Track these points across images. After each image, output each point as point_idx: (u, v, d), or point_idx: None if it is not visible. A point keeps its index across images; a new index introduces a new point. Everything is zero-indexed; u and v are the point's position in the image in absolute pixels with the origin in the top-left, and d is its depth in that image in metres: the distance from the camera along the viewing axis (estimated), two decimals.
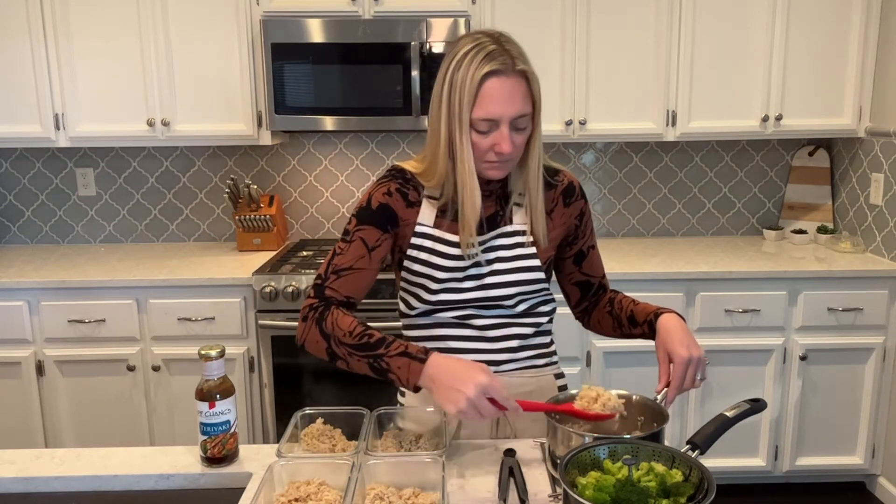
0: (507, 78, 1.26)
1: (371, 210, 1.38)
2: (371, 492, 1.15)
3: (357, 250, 1.37)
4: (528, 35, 2.83)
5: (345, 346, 1.29)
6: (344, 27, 2.76)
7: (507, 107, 1.26)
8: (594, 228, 1.52)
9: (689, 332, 1.35)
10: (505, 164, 1.32)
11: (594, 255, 1.52)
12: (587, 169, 3.33)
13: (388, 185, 1.40)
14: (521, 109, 1.27)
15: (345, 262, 1.37)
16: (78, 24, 2.81)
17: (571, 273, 1.52)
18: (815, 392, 2.82)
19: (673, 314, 1.38)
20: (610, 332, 1.52)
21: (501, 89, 1.26)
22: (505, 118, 1.27)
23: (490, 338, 1.42)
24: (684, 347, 1.30)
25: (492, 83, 1.25)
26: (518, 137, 1.30)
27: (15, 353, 2.71)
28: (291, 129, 2.91)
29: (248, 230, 3.12)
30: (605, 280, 1.55)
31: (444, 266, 1.37)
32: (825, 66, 2.91)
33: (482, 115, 1.27)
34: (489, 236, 1.39)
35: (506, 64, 1.25)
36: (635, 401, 1.34)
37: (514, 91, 1.26)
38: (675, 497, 1.01)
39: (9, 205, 3.33)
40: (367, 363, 1.27)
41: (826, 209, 3.24)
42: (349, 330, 1.29)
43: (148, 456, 1.35)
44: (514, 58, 1.27)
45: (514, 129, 1.29)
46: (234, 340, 2.72)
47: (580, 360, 2.78)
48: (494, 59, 1.25)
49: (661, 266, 2.79)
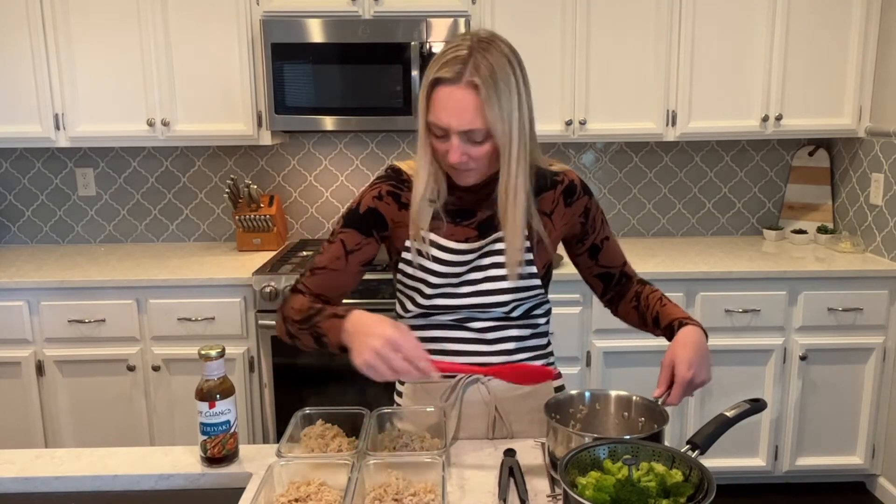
0: (455, 88, 1.21)
1: (358, 214, 1.39)
2: (371, 492, 1.15)
3: (335, 251, 1.38)
4: (528, 35, 2.84)
5: (295, 324, 1.33)
6: (344, 27, 2.76)
7: (454, 118, 1.22)
8: (606, 220, 1.48)
9: (705, 354, 1.30)
10: (468, 172, 1.29)
11: (609, 247, 1.48)
12: (587, 169, 3.33)
13: (381, 186, 1.39)
14: (468, 123, 1.22)
15: (322, 261, 1.38)
16: (78, 24, 2.81)
17: (590, 267, 1.50)
18: (815, 392, 2.82)
19: (695, 328, 1.33)
20: (637, 325, 1.50)
21: (448, 99, 1.22)
22: (453, 128, 1.23)
23: (487, 340, 1.41)
24: (690, 368, 1.26)
25: (440, 91, 1.23)
26: (475, 150, 1.25)
27: (15, 353, 2.71)
28: (291, 129, 2.91)
29: (248, 230, 3.12)
30: (626, 268, 1.51)
31: (440, 272, 1.36)
32: (825, 65, 2.91)
33: (433, 120, 1.25)
34: (486, 241, 1.37)
35: (456, 73, 1.21)
36: (636, 402, 1.34)
37: (461, 103, 1.21)
38: (675, 497, 1.01)
39: (9, 205, 3.33)
40: (310, 334, 1.30)
41: (826, 209, 3.24)
42: (299, 308, 1.33)
43: (148, 456, 1.35)
44: (473, 68, 1.20)
45: (468, 141, 1.24)
46: (234, 340, 2.72)
47: (580, 360, 2.78)
48: (447, 66, 1.22)
49: (661, 266, 2.79)
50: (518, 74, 1.25)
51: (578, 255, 1.49)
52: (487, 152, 1.26)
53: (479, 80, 1.20)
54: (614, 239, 1.50)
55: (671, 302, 1.44)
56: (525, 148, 1.27)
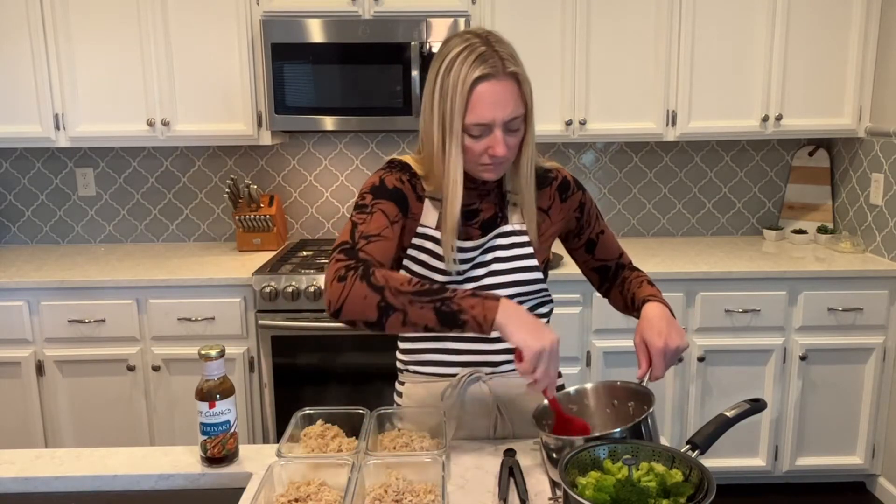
0: (499, 81, 1.24)
1: (386, 188, 1.34)
2: (371, 492, 1.15)
3: (380, 221, 1.29)
4: (528, 35, 2.84)
5: (404, 295, 1.17)
6: (344, 27, 2.76)
7: (500, 110, 1.24)
8: (600, 214, 1.50)
9: (671, 320, 1.33)
10: (500, 165, 1.31)
11: (605, 240, 1.50)
12: (587, 169, 3.33)
13: (399, 174, 1.36)
14: (513, 112, 1.26)
15: (371, 229, 1.27)
16: (78, 24, 2.81)
17: (587, 260, 1.52)
18: (815, 392, 2.82)
19: (656, 303, 1.36)
20: (622, 310, 1.52)
21: (493, 93, 1.23)
22: (498, 122, 1.25)
23: (489, 338, 1.41)
24: (661, 338, 1.29)
25: (483, 87, 1.23)
26: (511, 139, 1.28)
27: (15, 353, 2.71)
28: (291, 129, 2.91)
29: (248, 230, 3.12)
30: (622, 259, 1.53)
31: (443, 269, 1.36)
32: (825, 65, 2.91)
33: (475, 120, 1.25)
34: (487, 238, 1.39)
35: (496, 67, 1.23)
36: (619, 386, 1.34)
37: (505, 94, 1.24)
38: (675, 497, 1.01)
39: (9, 205, 3.33)
40: (433, 307, 1.16)
41: (826, 209, 3.24)
42: (406, 279, 1.20)
43: (148, 456, 1.35)
44: (504, 59, 1.24)
45: (507, 131, 1.27)
46: (234, 340, 2.72)
47: (580, 360, 2.78)
48: (485, 63, 1.23)
49: (661, 266, 2.79)
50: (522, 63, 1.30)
51: (575, 250, 1.52)
52: (519, 140, 1.31)
53: (516, 67, 1.26)
54: (609, 232, 1.52)
55: (648, 283, 1.45)
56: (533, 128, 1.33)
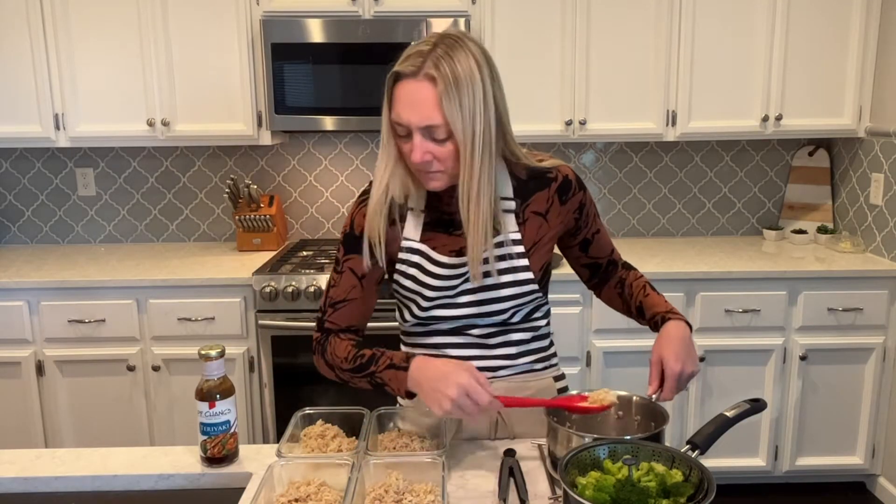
0: (412, 81, 1.17)
1: (355, 237, 1.37)
2: (371, 492, 1.15)
3: (348, 281, 1.38)
4: (528, 35, 2.84)
5: (346, 372, 1.35)
6: (344, 27, 2.76)
7: (414, 114, 1.18)
8: (598, 212, 1.47)
9: (690, 345, 1.31)
10: (435, 174, 1.24)
11: (599, 239, 1.48)
12: (587, 169, 3.33)
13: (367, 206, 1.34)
14: (427, 118, 1.17)
15: (339, 294, 1.38)
16: (78, 24, 2.81)
17: (578, 257, 1.50)
18: (815, 392, 2.82)
19: (679, 322, 1.34)
20: (620, 311, 1.51)
21: (407, 93, 1.18)
22: (413, 125, 1.18)
23: (488, 345, 1.40)
24: (678, 362, 1.28)
25: (400, 86, 1.20)
26: (438, 149, 1.20)
27: (15, 353, 2.71)
28: (291, 129, 2.91)
29: (248, 230, 3.12)
30: (614, 255, 1.52)
31: (435, 285, 1.34)
32: (825, 65, 2.91)
33: (394, 117, 1.22)
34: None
35: (415, 66, 1.17)
36: (636, 402, 1.34)
37: (418, 97, 1.17)
38: (675, 497, 1.01)
39: (9, 205, 3.33)
40: (367, 381, 1.33)
41: (826, 209, 3.24)
42: (345, 356, 1.34)
43: (148, 456, 1.35)
44: (430, 62, 1.16)
45: (431, 139, 1.20)
46: (234, 340, 2.72)
47: (580, 360, 2.78)
48: (407, 61, 1.18)
49: (661, 266, 2.79)
50: (485, 73, 1.20)
51: (569, 248, 1.49)
52: (453, 153, 1.21)
53: (437, 73, 1.16)
54: (604, 230, 1.50)
55: (654, 291, 1.45)
56: (490, 150, 1.21)
